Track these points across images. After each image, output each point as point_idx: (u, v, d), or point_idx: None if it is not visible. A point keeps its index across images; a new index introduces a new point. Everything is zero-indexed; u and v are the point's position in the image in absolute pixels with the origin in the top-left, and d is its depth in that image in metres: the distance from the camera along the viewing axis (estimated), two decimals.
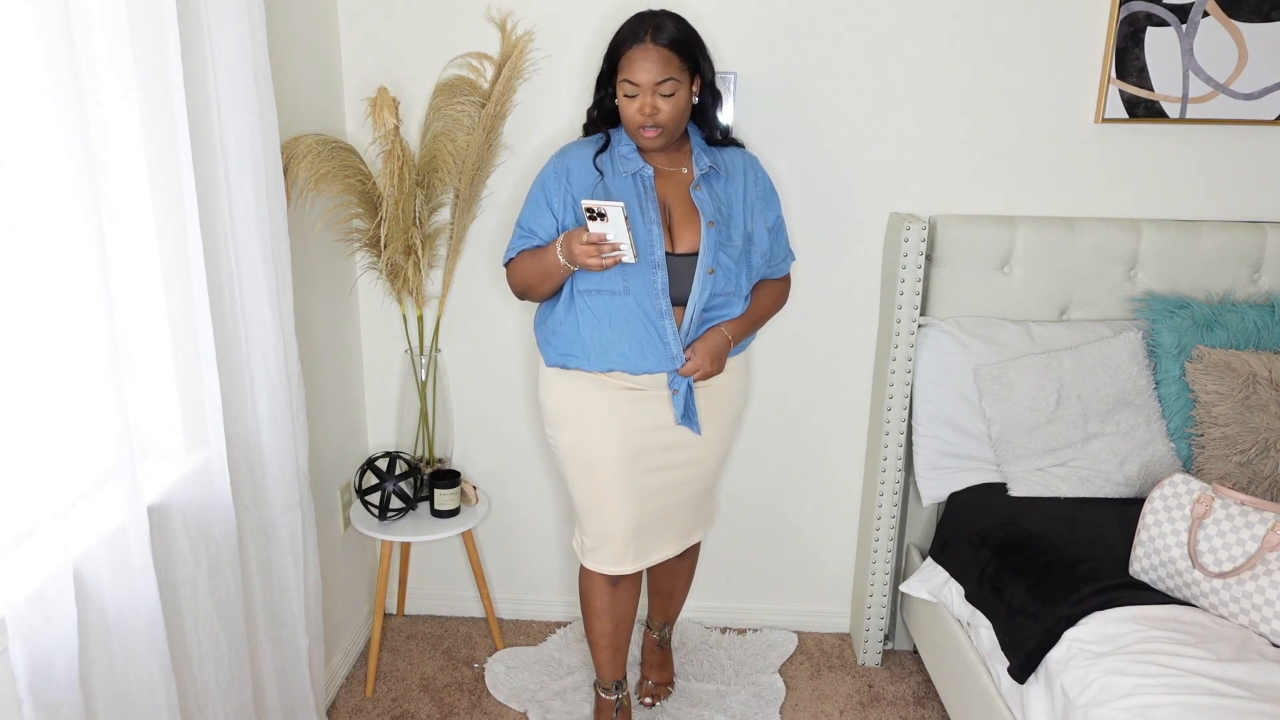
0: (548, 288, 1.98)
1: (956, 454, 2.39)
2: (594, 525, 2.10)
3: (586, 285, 1.94)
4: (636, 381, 1.99)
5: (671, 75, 1.87)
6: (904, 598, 2.58)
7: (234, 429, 1.79)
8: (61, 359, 1.38)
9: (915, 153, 2.42)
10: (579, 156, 1.99)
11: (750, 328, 2.06)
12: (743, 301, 2.01)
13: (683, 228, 1.95)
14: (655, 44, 1.86)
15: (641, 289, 1.91)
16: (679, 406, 1.99)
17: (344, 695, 2.47)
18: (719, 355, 1.99)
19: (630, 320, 1.93)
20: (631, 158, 1.97)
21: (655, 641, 2.47)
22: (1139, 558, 1.88)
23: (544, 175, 2.01)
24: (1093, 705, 1.64)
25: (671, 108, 1.89)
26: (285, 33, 2.07)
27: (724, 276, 1.95)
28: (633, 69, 1.87)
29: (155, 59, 1.50)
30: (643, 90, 1.87)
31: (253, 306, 1.79)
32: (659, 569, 2.34)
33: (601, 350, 1.95)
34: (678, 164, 2.00)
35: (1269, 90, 2.35)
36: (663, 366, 1.96)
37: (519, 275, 2.02)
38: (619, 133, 1.99)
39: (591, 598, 2.19)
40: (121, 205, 1.53)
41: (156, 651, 1.49)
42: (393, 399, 2.61)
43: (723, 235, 1.95)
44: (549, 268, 1.93)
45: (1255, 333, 2.29)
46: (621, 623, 2.21)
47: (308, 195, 2.13)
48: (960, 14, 2.32)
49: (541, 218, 1.99)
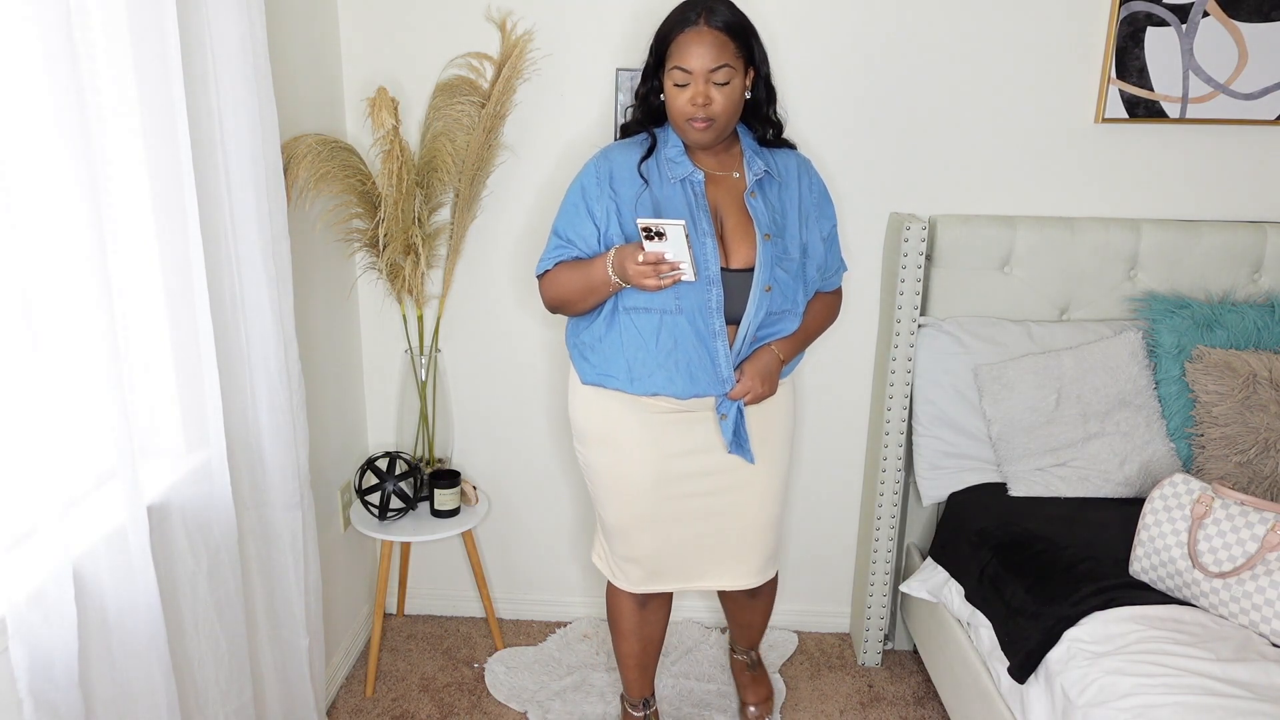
0: (590, 303, 1.82)
1: (956, 454, 2.39)
2: (620, 547, 2.01)
3: (633, 303, 1.79)
4: (680, 404, 1.86)
5: (726, 62, 1.71)
6: (904, 598, 2.58)
7: (234, 429, 1.79)
8: (62, 359, 1.38)
9: (915, 153, 2.42)
10: (622, 161, 1.82)
11: (801, 345, 1.92)
12: (797, 319, 1.87)
13: (736, 239, 1.80)
14: (710, 26, 1.71)
15: (695, 307, 1.76)
16: (728, 433, 1.86)
17: (344, 695, 2.47)
18: (770, 376, 1.84)
19: (680, 341, 1.78)
20: (679, 161, 1.80)
21: (744, 664, 2.40)
22: (1139, 558, 1.88)
23: (583, 179, 1.84)
24: (1093, 705, 1.64)
25: (725, 98, 1.73)
26: (285, 33, 2.07)
27: (780, 293, 1.81)
28: (685, 54, 1.71)
29: (155, 59, 1.50)
30: (695, 77, 1.71)
31: (253, 306, 1.79)
32: (733, 606, 2.26)
33: (646, 373, 1.81)
34: (728, 168, 1.85)
35: (1269, 90, 2.35)
36: (711, 390, 1.82)
37: (557, 289, 1.85)
38: (665, 133, 1.83)
39: (619, 617, 2.10)
40: (122, 205, 1.53)
41: (156, 651, 1.49)
42: (393, 399, 2.61)
43: (779, 249, 1.80)
44: (595, 284, 1.77)
45: (1255, 333, 2.29)
46: (650, 643, 2.12)
47: (308, 195, 2.13)
48: (960, 14, 2.32)
49: (581, 226, 1.81)
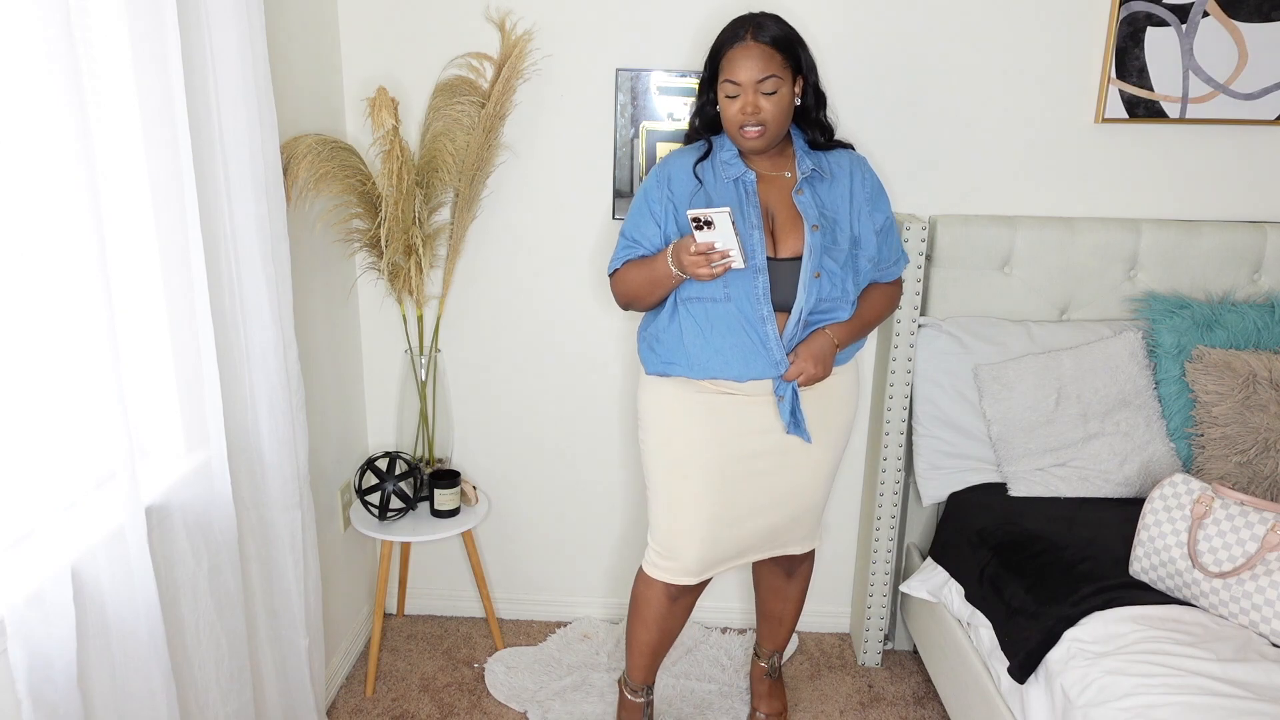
0: (656, 297, 1.95)
1: (956, 454, 2.39)
2: (667, 536, 2.06)
3: (688, 293, 1.91)
4: (740, 387, 1.95)
5: (773, 73, 1.83)
6: (904, 598, 2.58)
7: (234, 429, 1.79)
8: (61, 359, 1.38)
9: (915, 153, 2.42)
10: (680, 164, 1.97)
11: (858, 333, 1.99)
12: (850, 307, 1.95)
13: (786, 232, 1.91)
14: (756, 41, 1.84)
15: (742, 294, 1.87)
16: (785, 414, 1.94)
17: (344, 695, 2.47)
18: (823, 358, 1.92)
19: (732, 327, 1.89)
20: (733, 163, 1.93)
21: (764, 670, 2.38)
22: (1139, 558, 1.88)
23: (646, 185, 1.99)
24: (1093, 705, 1.64)
25: (774, 106, 1.85)
26: (285, 33, 2.07)
27: (830, 281, 1.90)
28: (734, 68, 1.84)
29: (155, 59, 1.50)
30: (744, 89, 1.84)
31: (253, 306, 1.79)
32: (766, 591, 2.30)
33: (704, 359, 1.92)
34: (780, 169, 1.96)
35: (1269, 90, 2.35)
36: (766, 373, 1.91)
37: (626, 285, 1.99)
38: (721, 139, 1.96)
39: (644, 605, 2.13)
40: (121, 205, 1.53)
41: (156, 651, 1.49)
42: (393, 399, 2.61)
43: (828, 239, 1.90)
44: (659, 277, 1.90)
45: (1255, 333, 2.29)
46: (668, 635, 2.17)
47: (308, 195, 2.13)
48: (960, 14, 2.32)
49: (645, 227, 1.96)
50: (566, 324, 2.57)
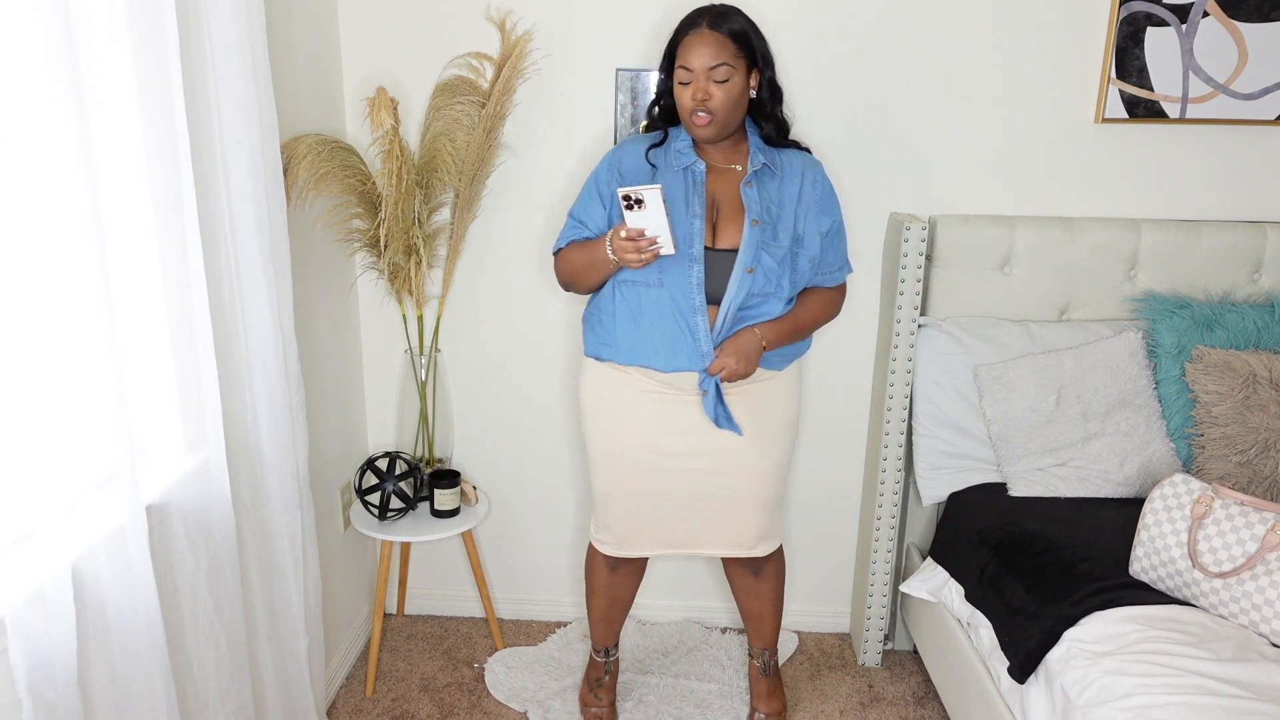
0: (594, 280, 1.98)
1: (956, 454, 2.39)
2: (600, 511, 2.18)
3: (625, 276, 1.94)
4: (666, 380, 1.97)
5: (725, 61, 1.84)
6: (904, 598, 2.58)
7: (234, 429, 1.79)
8: (61, 359, 1.38)
9: (915, 153, 2.42)
10: (633, 150, 1.99)
11: (789, 334, 1.99)
12: (783, 305, 1.95)
13: (727, 223, 1.93)
14: (712, 29, 1.86)
15: (676, 283, 1.89)
16: (709, 408, 1.96)
17: (344, 695, 2.47)
18: (747, 355, 1.92)
19: (663, 314, 1.91)
20: (686, 153, 1.95)
21: (759, 669, 2.38)
22: (1139, 558, 1.88)
23: (598, 167, 2.02)
24: (1093, 705, 1.64)
25: (725, 94, 1.85)
26: (285, 33, 2.07)
27: (764, 276, 1.90)
28: (688, 54, 1.86)
29: (155, 59, 1.50)
30: (696, 75, 1.85)
31: (253, 306, 1.79)
32: (740, 591, 2.29)
33: (632, 344, 1.95)
34: (733, 161, 1.97)
35: (1269, 90, 2.35)
36: (692, 364, 1.93)
37: (566, 266, 2.02)
38: (678, 129, 1.98)
39: (590, 573, 2.29)
40: (121, 205, 1.53)
41: (156, 651, 1.49)
42: (393, 399, 2.61)
43: (767, 235, 1.91)
44: (598, 261, 1.92)
45: (1255, 333, 2.29)
46: (617, 601, 2.30)
47: (308, 195, 2.13)
48: (960, 14, 2.32)
49: (592, 209, 2.00)
50: (566, 324, 2.57)
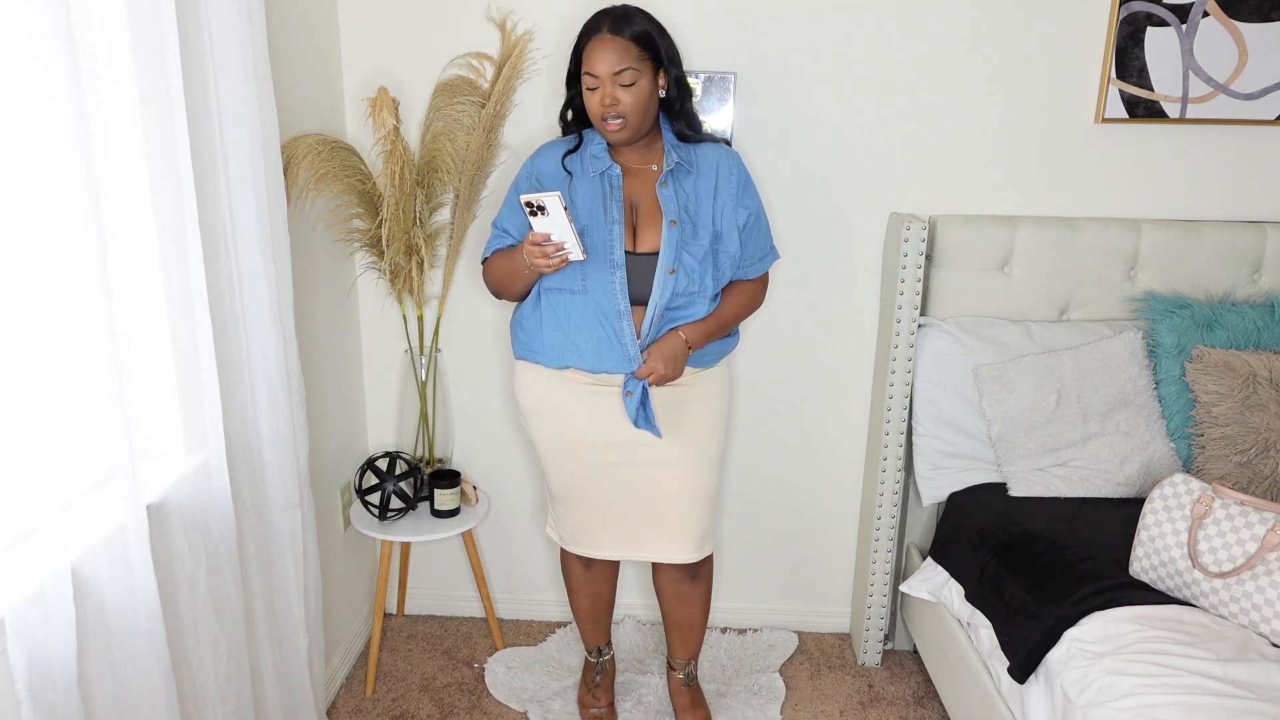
0: (519, 287, 1.99)
1: (956, 454, 2.39)
2: (558, 512, 2.19)
3: (550, 283, 1.95)
4: (596, 378, 1.99)
5: (630, 65, 1.85)
6: (904, 598, 2.58)
7: (234, 429, 1.79)
8: (61, 358, 1.38)
9: (915, 153, 2.42)
10: (549, 156, 2.00)
11: (714, 332, 2.00)
12: (709, 302, 1.96)
13: (647, 226, 1.93)
14: (613, 34, 1.86)
15: (600, 288, 1.90)
16: (631, 410, 1.95)
17: (344, 695, 2.47)
18: (674, 359, 1.94)
19: (588, 320, 1.92)
20: (601, 157, 1.96)
21: (681, 681, 2.32)
22: (1139, 558, 1.88)
23: (518, 176, 2.03)
24: (1093, 705, 1.64)
25: (632, 98, 1.86)
26: (285, 33, 2.07)
27: (686, 276, 1.91)
28: (592, 61, 1.87)
29: (155, 59, 1.50)
30: (602, 81, 1.86)
31: (253, 306, 1.79)
32: (671, 598, 2.23)
33: (560, 349, 1.97)
34: (649, 161, 1.98)
35: (1269, 90, 2.35)
36: (620, 368, 1.94)
37: (492, 274, 2.04)
38: (592, 133, 1.99)
39: (568, 574, 2.30)
40: (121, 205, 1.53)
41: (156, 651, 1.49)
42: (393, 399, 2.61)
43: (686, 234, 1.92)
44: (518, 268, 1.93)
45: (1255, 333, 2.29)
46: (598, 598, 2.31)
47: (308, 195, 2.13)
48: (960, 14, 2.32)
49: (513, 216, 2.01)
50: None
